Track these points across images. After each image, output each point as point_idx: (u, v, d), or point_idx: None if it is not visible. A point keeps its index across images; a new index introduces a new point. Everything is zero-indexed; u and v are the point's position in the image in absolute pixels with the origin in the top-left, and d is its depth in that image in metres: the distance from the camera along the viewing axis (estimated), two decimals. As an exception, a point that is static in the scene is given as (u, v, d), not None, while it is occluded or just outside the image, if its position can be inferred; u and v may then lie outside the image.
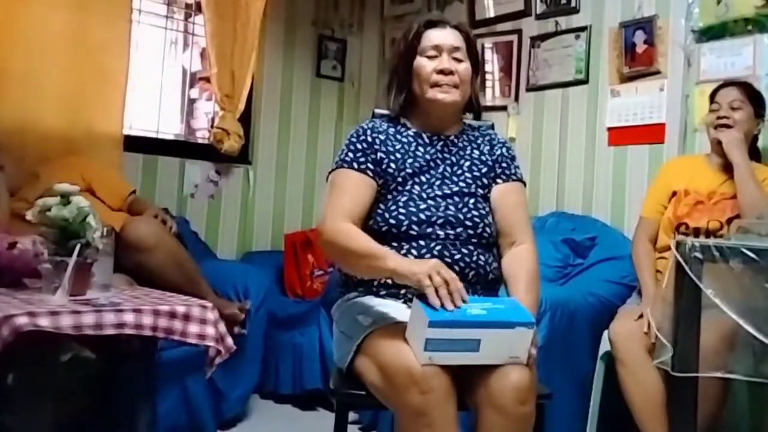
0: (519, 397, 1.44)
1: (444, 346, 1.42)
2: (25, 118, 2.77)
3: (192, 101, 3.93)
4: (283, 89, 4.04)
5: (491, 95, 3.66)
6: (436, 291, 1.45)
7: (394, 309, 1.64)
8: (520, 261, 1.76)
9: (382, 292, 1.72)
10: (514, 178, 1.87)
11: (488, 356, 1.46)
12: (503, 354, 1.46)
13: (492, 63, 3.66)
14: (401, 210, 1.73)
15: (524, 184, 1.91)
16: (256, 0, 3.61)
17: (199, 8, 3.65)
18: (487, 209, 1.80)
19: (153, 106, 3.66)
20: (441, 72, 1.78)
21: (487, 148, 1.88)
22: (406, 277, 1.52)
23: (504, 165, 1.86)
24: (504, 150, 1.89)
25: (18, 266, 1.84)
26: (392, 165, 1.79)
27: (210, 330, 1.78)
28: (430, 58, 1.80)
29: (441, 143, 1.86)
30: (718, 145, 2.45)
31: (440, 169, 1.82)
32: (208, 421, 2.68)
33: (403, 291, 1.69)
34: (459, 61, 1.81)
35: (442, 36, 1.81)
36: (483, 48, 3.66)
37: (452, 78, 1.79)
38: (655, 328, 1.72)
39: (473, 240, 1.74)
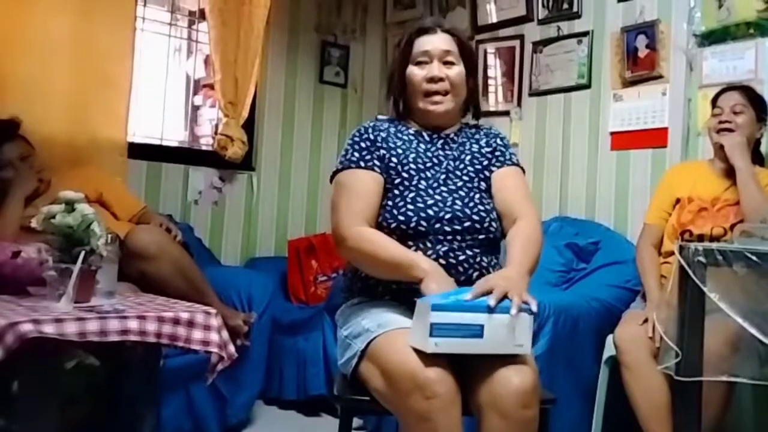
0: (522, 400, 1.44)
1: (448, 332, 1.43)
2: (29, 124, 2.77)
3: (196, 108, 3.94)
4: (287, 96, 4.05)
5: (494, 100, 3.66)
6: None
7: (398, 314, 1.64)
8: (518, 230, 1.74)
9: (386, 298, 1.73)
10: (509, 163, 1.87)
11: (493, 344, 1.46)
12: (508, 342, 1.47)
13: (494, 68, 3.66)
14: (409, 206, 1.74)
15: (522, 169, 1.90)
16: (260, 7, 3.63)
17: (202, 15, 3.67)
18: (491, 205, 1.81)
19: (157, 113, 3.67)
20: (431, 80, 1.80)
21: (484, 140, 1.91)
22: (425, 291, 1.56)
23: (498, 153, 1.88)
24: (498, 140, 1.91)
25: (22, 275, 1.85)
26: (394, 159, 1.80)
27: (214, 336, 1.79)
28: (420, 65, 1.82)
29: (441, 141, 1.88)
30: (720, 150, 2.45)
31: (444, 165, 1.83)
32: (212, 427, 2.69)
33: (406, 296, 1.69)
34: (451, 65, 1.82)
35: (432, 41, 1.83)
36: (485, 53, 3.68)
37: (443, 85, 1.81)
38: (661, 332, 1.72)
39: (480, 236, 1.74)
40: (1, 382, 1.82)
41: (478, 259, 1.73)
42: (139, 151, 3.41)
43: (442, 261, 1.69)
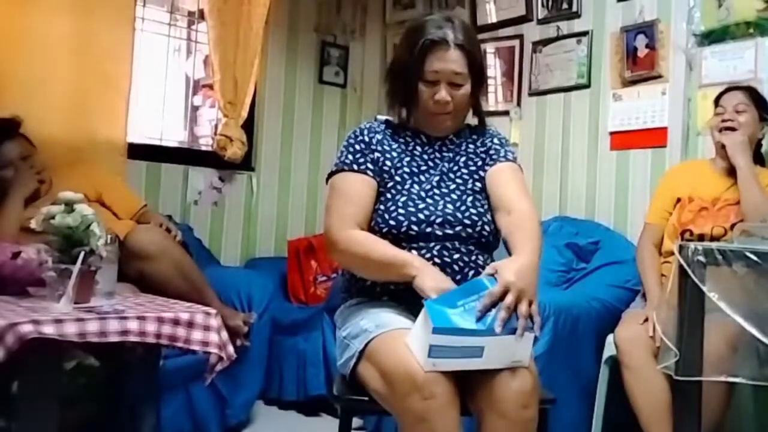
0: (522, 401, 1.45)
1: (447, 353, 1.42)
2: (28, 124, 2.78)
3: (195, 108, 3.94)
4: (286, 96, 4.05)
5: (494, 100, 3.66)
6: None
7: (397, 315, 1.64)
8: (518, 220, 1.70)
9: (385, 298, 1.72)
10: (504, 159, 1.85)
11: (491, 361, 1.46)
12: (506, 358, 1.46)
13: (494, 68, 3.66)
14: (400, 210, 1.73)
15: (520, 167, 1.88)
16: (259, 7, 3.62)
17: (202, 15, 3.67)
18: (486, 207, 1.79)
19: (156, 113, 3.67)
20: (437, 102, 1.77)
21: (480, 140, 1.89)
22: (420, 290, 1.55)
23: (492, 152, 1.86)
24: (495, 140, 1.89)
25: (22, 276, 1.85)
26: (388, 162, 1.80)
27: (213, 337, 1.79)
28: (428, 83, 1.76)
29: (439, 143, 1.87)
30: (722, 149, 2.45)
31: (439, 168, 1.83)
32: (212, 428, 2.69)
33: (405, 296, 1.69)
34: (458, 86, 1.77)
35: (443, 61, 1.74)
36: (485, 53, 3.67)
37: (447, 107, 1.78)
38: (660, 332, 1.72)
39: (472, 240, 1.74)
40: (1, 383, 1.82)
41: (473, 258, 1.73)
42: (138, 152, 3.41)
43: (437, 260, 1.69)
